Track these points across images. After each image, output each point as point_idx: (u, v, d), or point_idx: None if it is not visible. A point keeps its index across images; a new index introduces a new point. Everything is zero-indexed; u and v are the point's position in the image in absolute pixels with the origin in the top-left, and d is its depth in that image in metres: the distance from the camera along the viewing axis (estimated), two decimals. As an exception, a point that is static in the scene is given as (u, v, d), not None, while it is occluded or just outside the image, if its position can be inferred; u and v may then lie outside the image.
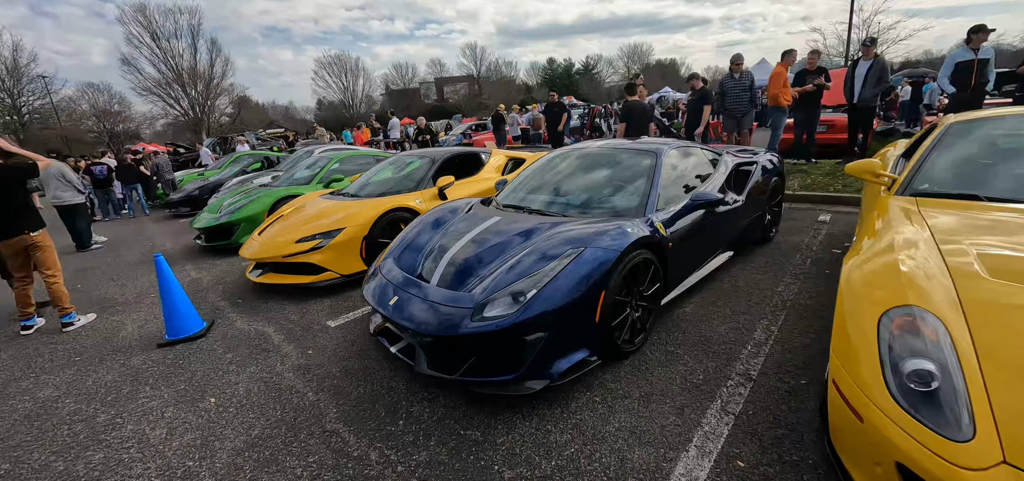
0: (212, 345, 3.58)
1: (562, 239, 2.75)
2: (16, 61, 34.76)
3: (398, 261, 3.18)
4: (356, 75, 53.48)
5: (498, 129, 14.08)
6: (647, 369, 2.79)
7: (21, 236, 4.04)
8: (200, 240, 6.65)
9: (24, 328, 4.23)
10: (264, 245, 4.51)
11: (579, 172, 3.82)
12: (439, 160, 5.55)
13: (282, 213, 5.26)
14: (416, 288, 2.77)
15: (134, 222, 10.74)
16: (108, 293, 5.27)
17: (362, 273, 4.48)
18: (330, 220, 4.51)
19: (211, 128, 37.73)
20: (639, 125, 6.87)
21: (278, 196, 6.53)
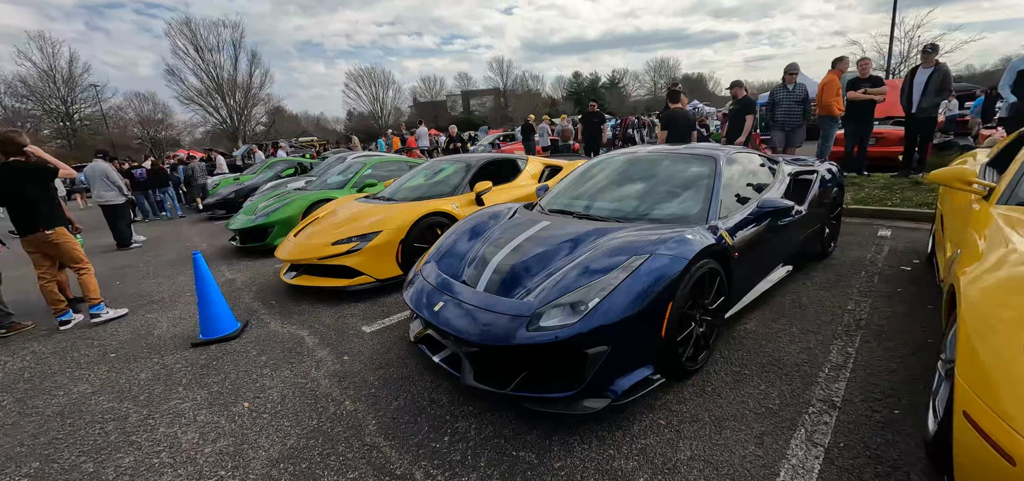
0: (246, 346, 3.47)
1: (621, 245, 2.52)
2: (71, 72, 36.90)
3: (441, 266, 3.01)
4: (386, 87, 54.75)
5: (528, 139, 13.96)
6: (714, 390, 2.51)
7: (37, 234, 4.07)
8: (235, 241, 6.68)
9: (61, 323, 4.23)
10: (299, 247, 4.42)
11: (630, 177, 3.59)
12: (475, 166, 5.40)
13: (317, 216, 5.18)
14: (462, 294, 2.58)
15: (172, 223, 11.00)
16: (144, 290, 5.29)
17: (397, 278, 4.34)
18: (366, 223, 4.39)
19: (247, 136, 39.01)
20: (682, 134, 6.58)
21: (313, 199, 6.50)
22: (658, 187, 3.37)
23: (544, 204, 3.68)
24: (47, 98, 36.36)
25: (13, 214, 4.05)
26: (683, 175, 3.38)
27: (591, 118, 10.16)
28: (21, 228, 4.05)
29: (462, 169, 5.37)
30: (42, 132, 35.63)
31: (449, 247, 3.21)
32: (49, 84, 36.26)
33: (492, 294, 2.50)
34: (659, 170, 3.53)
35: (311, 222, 5.03)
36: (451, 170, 5.50)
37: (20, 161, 4.06)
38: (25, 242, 4.09)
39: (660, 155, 3.71)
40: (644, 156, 3.78)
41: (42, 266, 4.17)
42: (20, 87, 35.00)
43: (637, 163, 3.72)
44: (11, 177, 3.97)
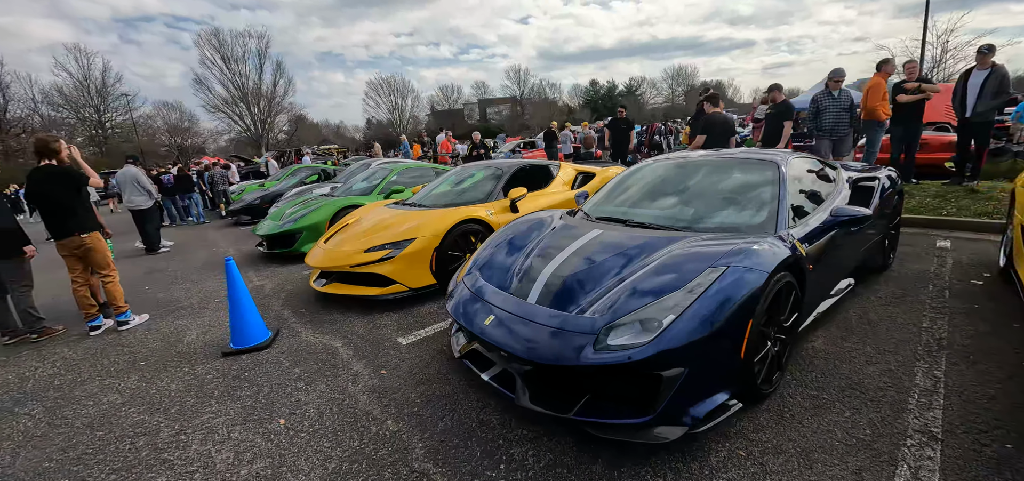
0: (278, 357, 3.32)
1: (689, 257, 2.29)
2: (104, 82, 38.22)
3: (485, 276, 2.82)
4: (404, 96, 55.39)
5: (550, 146, 13.76)
6: (793, 417, 2.26)
7: (72, 238, 4.02)
8: (262, 247, 6.62)
9: (91, 328, 4.17)
10: (330, 254, 4.29)
11: (684, 183, 3.36)
12: (508, 172, 5.22)
13: (346, 222, 5.06)
14: (515, 307, 2.38)
15: (197, 229, 11.09)
16: (173, 296, 5.23)
17: (430, 288, 4.17)
18: (399, 230, 4.24)
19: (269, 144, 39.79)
20: (721, 140, 6.30)
21: (340, 206, 6.40)
22: (716, 194, 3.13)
23: (589, 211, 3.47)
24: (81, 107, 37.68)
25: (47, 217, 4.01)
26: (743, 181, 3.14)
27: (619, 124, 9.92)
28: (55, 231, 4.01)
29: (494, 175, 5.20)
30: (76, 139, 36.83)
31: (493, 256, 3.02)
32: (83, 93, 37.61)
33: (546, 307, 2.31)
34: (715, 176, 3.29)
35: (341, 228, 4.91)
36: (483, 176, 5.33)
37: (51, 164, 4.03)
38: (59, 246, 4.05)
39: (715, 160, 3.47)
40: (696, 161, 3.54)
41: (75, 270, 4.13)
42: (56, 96, 36.40)
43: (689, 168, 3.49)
44: (42, 179, 3.95)
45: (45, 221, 4.05)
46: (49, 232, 4.07)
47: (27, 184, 4.00)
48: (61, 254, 4.08)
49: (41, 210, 4.03)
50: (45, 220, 4.05)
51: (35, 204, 4.02)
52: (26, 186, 4.03)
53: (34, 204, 4.05)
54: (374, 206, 5.51)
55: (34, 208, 3.98)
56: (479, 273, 2.88)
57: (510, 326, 2.29)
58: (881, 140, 7.22)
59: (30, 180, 3.98)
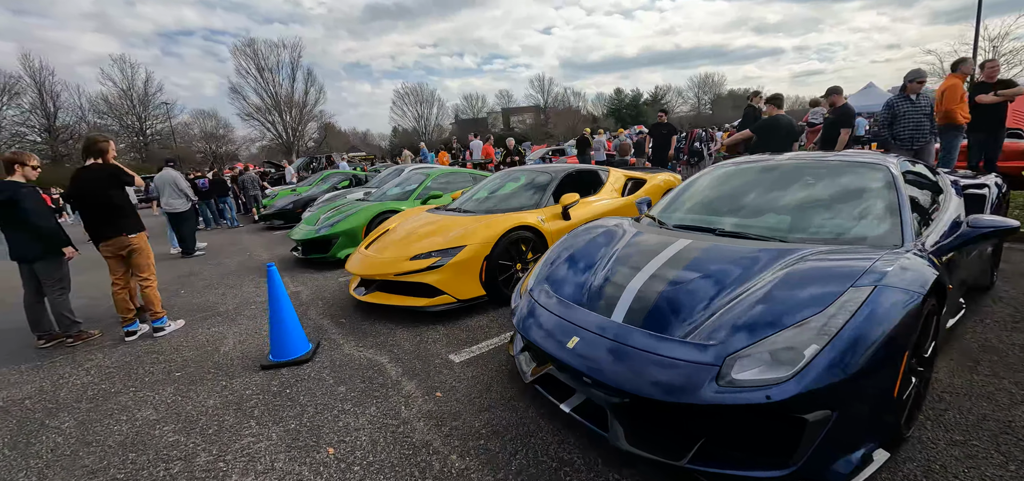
0: (320, 372, 3.06)
1: (819, 273, 1.92)
2: (146, 91, 39.81)
3: (557, 289, 2.49)
4: (431, 104, 56.02)
5: (582, 153, 13.39)
6: (944, 469, 1.84)
7: (119, 238, 3.90)
8: (297, 252, 6.46)
9: (127, 334, 4.01)
10: (372, 261, 4.03)
11: (775, 188, 2.96)
12: (558, 176, 4.90)
13: (387, 227, 4.82)
14: (603, 327, 2.04)
15: (231, 232, 11.12)
16: (209, 301, 5.07)
17: (479, 299, 3.86)
18: (447, 236, 3.95)
19: (300, 151, 40.65)
20: (783, 144, 5.83)
21: (377, 211, 6.19)
22: (818, 200, 2.72)
23: (663, 219, 3.11)
24: (124, 115, 39.27)
25: (93, 217, 3.88)
26: (849, 187, 2.72)
27: (660, 129, 9.49)
28: (101, 231, 3.88)
29: (544, 180, 4.88)
30: (119, 145, 38.39)
31: (560, 267, 2.70)
32: (126, 102, 39.21)
33: (639, 328, 1.96)
34: (813, 181, 2.88)
35: (381, 234, 4.66)
36: (531, 181, 5.02)
37: (98, 163, 3.92)
38: (104, 246, 3.92)
39: (809, 163, 3.05)
40: (787, 165, 3.13)
41: (117, 272, 3.99)
42: (102, 105, 38.07)
43: (779, 173, 3.08)
44: (91, 178, 3.83)
45: (89, 220, 3.92)
46: (91, 233, 3.94)
47: (72, 183, 3.88)
48: (104, 255, 3.95)
49: (87, 209, 3.91)
50: (90, 219, 3.92)
51: (81, 203, 3.89)
52: (71, 185, 3.91)
53: (80, 203, 3.92)
54: (414, 211, 5.26)
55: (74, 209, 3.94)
56: (549, 286, 2.55)
57: (598, 350, 1.95)
58: (959, 146, 6.60)
59: (77, 179, 3.86)
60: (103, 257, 3.99)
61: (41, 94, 34.68)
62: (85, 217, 3.97)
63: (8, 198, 3.67)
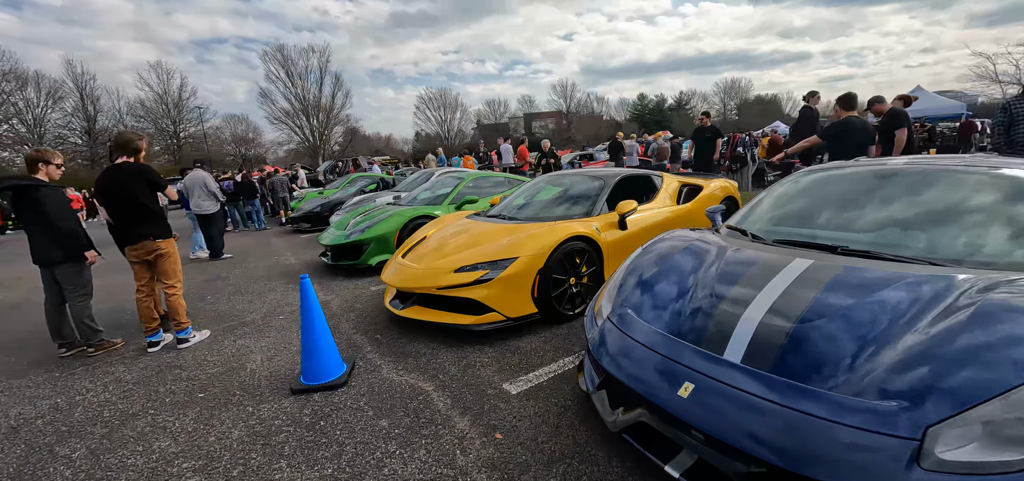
0: (357, 400, 2.68)
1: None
2: (181, 95, 41.03)
3: (644, 315, 2.06)
4: (454, 109, 56.27)
5: (615, 157, 12.92)
6: None
7: (146, 242, 3.64)
8: (326, 258, 6.17)
9: (150, 344, 3.73)
10: (411, 272, 3.65)
11: (908, 198, 2.44)
12: (611, 181, 4.46)
13: (424, 235, 4.46)
14: (724, 372, 1.60)
15: (258, 235, 11.01)
16: (236, 309, 4.79)
17: (530, 318, 3.44)
18: (495, 247, 3.56)
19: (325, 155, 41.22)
20: (857, 152, 5.25)
21: (410, 216, 5.86)
22: (971, 214, 2.21)
23: (757, 232, 2.64)
24: (159, 118, 40.52)
25: (121, 218, 3.63)
26: (1008, 197, 2.20)
27: (703, 133, 8.92)
28: (128, 234, 3.63)
29: (596, 186, 4.44)
30: (153, 148, 39.60)
31: (642, 287, 2.27)
32: (162, 106, 40.45)
33: (767, 372, 1.52)
34: (957, 192, 2.36)
35: (418, 242, 4.30)
36: (580, 187, 4.59)
37: (130, 162, 3.68)
38: (130, 251, 3.67)
39: (941, 170, 2.53)
40: (910, 170, 2.61)
41: (143, 278, 3.73)
42: (139, 109, 39.38)
43: (903, 180, 2.57)
44: (121, 177, 3.58)
45: (117, 222, 3.67)
46: (117, 235, 3.70)
47: (101, 181, 3.62)
48: (130, 259, 3.69)
49: (114, 210, 3.65)
50: (117, 221, 3.66)
51: (108, 203, 3.64)
52: (99, 183, 3.65)
53: (107, 203, 3.66)
54: (451, 218, 4.89)
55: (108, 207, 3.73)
56: (633, 310, 2.12)
57: (724, 402, 1.51)
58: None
59: (106, 177, 3.60)
60: (128, 262, 3.74)
61: (82, 98, 36.04)
62: (112, 218, 3.72)
63: (29, 196, 3.44)
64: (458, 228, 4.26)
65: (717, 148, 8.88)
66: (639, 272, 2.42)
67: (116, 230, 3.72)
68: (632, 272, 2.46)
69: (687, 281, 2.21)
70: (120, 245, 3.80)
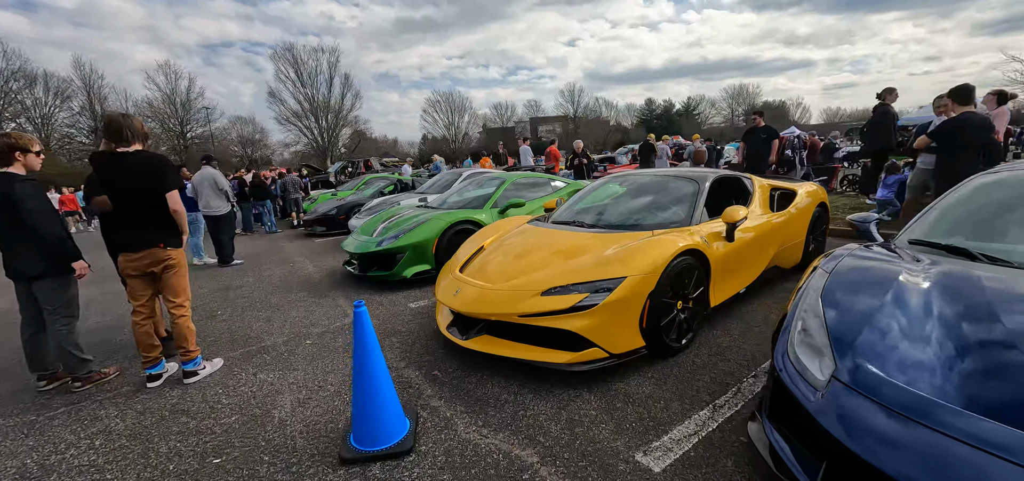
0: (437, 476, 1.93)
1: None
2: (188, 96, 40.56)
3: (893, 374, 1.34)
4: (462, 113, 55.91)
5: (646, 160, 12.15)
6: None
7: (152, 250, 2.91)
8: (352, 267, 5.43)
9: (150, 378, 2.99)
10: (484, 294, 2.87)
11: None
12: (706, 184, 3.70)
13: (480, 244, 3.71)
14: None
15: (269, 239, 10.30)
16: (252, 329, 4.05)
17: (637, 353, 2.68)
18: (590, 263, 2.80)
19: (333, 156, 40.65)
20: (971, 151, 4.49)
21: (451, 221, 5.11)
22: None
23: (985, 252, 1.89)
24: (167, 119, 40.05)
25: (126, 218, 2.90)
26: None
27: (757, 134, 8.16)
28: (133, 240, 2.90)
29: (690, 189, 3.68)
30: (161, 148, 39.17)
31: (868, 331, 1.54)
32: (169, 106, 39.99)
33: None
34: None
35: (475, 253, 3.56)
36: (672, 189, 3.83)
37: (140, 151, 2.95)
38: (128, 261, 2.91)
39: None
40: None
41: (142, 298, 2.98)
42: (146, 109, 38.89)
43: None
44: (123, 169, 2.84)
45: (120, 222, 2.93)
46: (116, 239, 2.95)
47: (105, 169, 2.85)
48: (127, 272, 2.94)
49: (122, 206, 2.89)
50: (121, 220, 2.92)
51: (117, 198, 2.90)
52: (100, 173, 2.87)
53: (115, 197, 2.91)
54: (510, 224, 4.14)
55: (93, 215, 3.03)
56: (873, 366, 1.39)
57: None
58: None
59: (108, 166, 2.85)
60: (124, 276, 2.99)
61: (90, 97, 35.63)
62: (115, 215, 2.97)
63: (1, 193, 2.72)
64: (527, 238, 3.51)
65: (773, 150, 8.11)
66: (836, 308, 1.70)
67: (115, 232, 2.97)
68: (826, 308, 1.73)
69: (924, 322, 1.51)
70: (116, 251, 3.05)
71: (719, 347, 3.05)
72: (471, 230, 5.21)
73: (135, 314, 2.98)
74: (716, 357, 2.92)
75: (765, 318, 3.52)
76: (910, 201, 5.62)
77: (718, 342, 3.13)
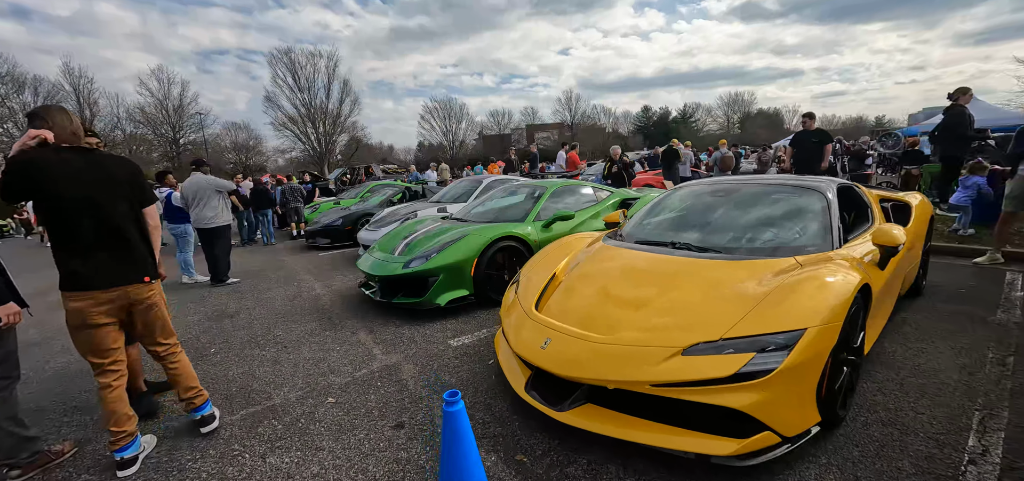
0: None
1: None
2: (181, 101, 39.53)
3: None
4: (459, 119, 55.46)
5: (670, 167, 11.45)
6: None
7: (137, 286, 2.18)
8: (370, 291, 4.61)
9: (121, 464, 2.16)
10: (594, 353, 2.03)
11: None
12: (832, 194, 2.93)
13: (551, 270, 2.92)
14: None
15: (267, 252, 9.43)
16: (255, 376, 3.22)
17: (809, 432, 1.90)
18: (738, 302, 2.01)
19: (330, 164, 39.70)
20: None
21: (492, 237, 4.30)
22: None
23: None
24: (159, 125, 38.98)
25: (95, 242, 2.11)
26: None
27: (808, 137, 7.43)
28: (104, 271, 2.12)
29: (817, 201, 2.89)
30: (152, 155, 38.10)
31: None
32: (161, 112, 38.93)
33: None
34: None
35: (548, 283, 2.77)
36: (787, 201, 3.04)
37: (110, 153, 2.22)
38: (98, 301, 2.10)
39: None
40: None
41: (112, 350, 2.17)
42: (138, 115, 37.85)
43: None
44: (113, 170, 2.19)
45: (86, 246, 2.11)
46: (78, 270, 2.11)
47: (63, 168, 2.05)
48: (94, 318, 2.11)
49: (91, 223, 2.10)
50: (87, 245, 2.11)
51: (83, 211, 2.09)
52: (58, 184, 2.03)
53: (79, 211, 2.09)
54: (576, 243, 3.36)
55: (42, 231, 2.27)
56: None
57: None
58: None
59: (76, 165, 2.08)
60: (83, 322, 2.15)
61: (79, 101, 34.51)
62: (75, 235, 2.12)
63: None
64: (616, 263, 2.72)
65: (825, 156, 7.38)
66: None
67: (77, 260, 2.13)
68: None
69: None
70: (78, 285, 2.21)
71: (887, 411, 2.28)
72: (516, 248, 4.42)
73: (103, 375, 2.16)
74: (891, 426, 2.15)
75: (915, 365, 2.76)
76: (1009, 214, 4.92)
77: (878, 403, 2.36)
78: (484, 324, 3.92)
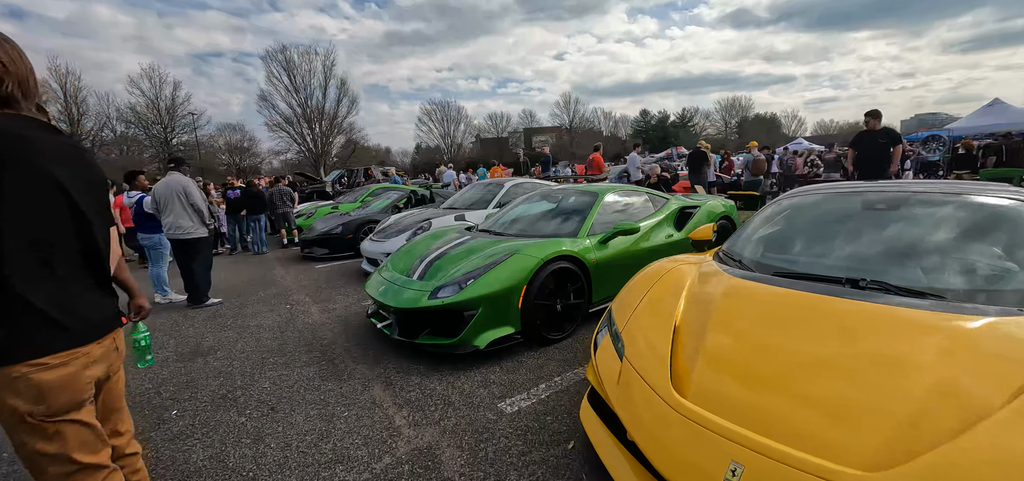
0: None
1: None
2: (174, 101, 38.32)
3: None
4: (457, 122, 54.85)
5: (698, 171, 10.56)
6: None
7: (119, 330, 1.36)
8: (383, 324, 3.64)
9: None
10: None
11: None
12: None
13: (674, 322, 1.97)
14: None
15: (257, 262, 8.44)
16: (228, 465, 2.26)
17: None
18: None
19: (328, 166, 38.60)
20: None
21: (542, 257, 3.34)
22: None
23: None
24: (151, 125, 37.76)
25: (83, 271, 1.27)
26: None
27: (874, 138, 6.52)
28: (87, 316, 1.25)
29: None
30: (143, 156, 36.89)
31: None
32: (154, 112, 37.71)
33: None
34: None
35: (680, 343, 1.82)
36: (992, 220, 2.12)
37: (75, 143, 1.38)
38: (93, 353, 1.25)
39: None
40: None
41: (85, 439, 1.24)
42: (129, 114, 36.62)
43: None
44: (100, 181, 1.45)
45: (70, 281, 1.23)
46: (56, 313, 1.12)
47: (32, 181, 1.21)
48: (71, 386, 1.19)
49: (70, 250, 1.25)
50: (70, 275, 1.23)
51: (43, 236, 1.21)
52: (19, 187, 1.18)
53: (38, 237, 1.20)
54: (678, 276, 2.42)
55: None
56: None
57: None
58: None
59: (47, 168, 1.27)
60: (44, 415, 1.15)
61: (66, 99, 33.28)
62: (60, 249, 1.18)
63: None
64: (789, 312, 1.77)
65: (894, 159, 6.48)
66: None
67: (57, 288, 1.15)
68: None
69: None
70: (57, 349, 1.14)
71: None
72: (568, 269, 3.48)
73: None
74: None
75: None
76: None
77: None
78: (539, 374, 2.97)
